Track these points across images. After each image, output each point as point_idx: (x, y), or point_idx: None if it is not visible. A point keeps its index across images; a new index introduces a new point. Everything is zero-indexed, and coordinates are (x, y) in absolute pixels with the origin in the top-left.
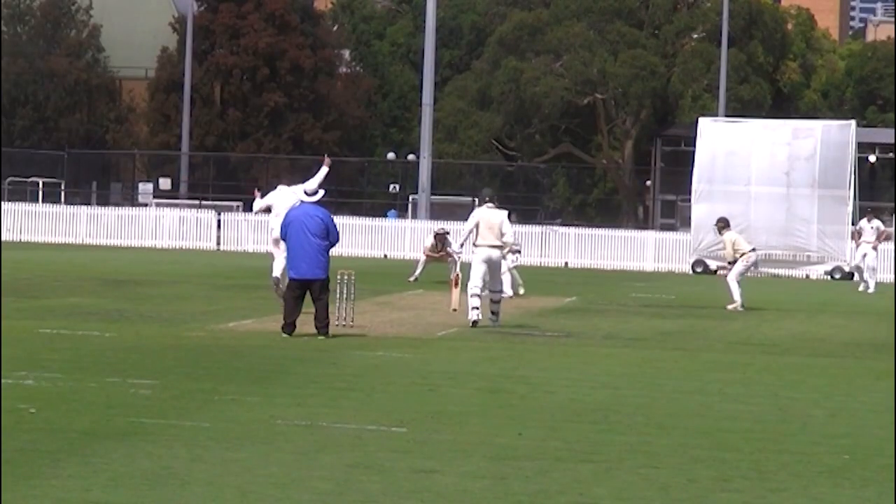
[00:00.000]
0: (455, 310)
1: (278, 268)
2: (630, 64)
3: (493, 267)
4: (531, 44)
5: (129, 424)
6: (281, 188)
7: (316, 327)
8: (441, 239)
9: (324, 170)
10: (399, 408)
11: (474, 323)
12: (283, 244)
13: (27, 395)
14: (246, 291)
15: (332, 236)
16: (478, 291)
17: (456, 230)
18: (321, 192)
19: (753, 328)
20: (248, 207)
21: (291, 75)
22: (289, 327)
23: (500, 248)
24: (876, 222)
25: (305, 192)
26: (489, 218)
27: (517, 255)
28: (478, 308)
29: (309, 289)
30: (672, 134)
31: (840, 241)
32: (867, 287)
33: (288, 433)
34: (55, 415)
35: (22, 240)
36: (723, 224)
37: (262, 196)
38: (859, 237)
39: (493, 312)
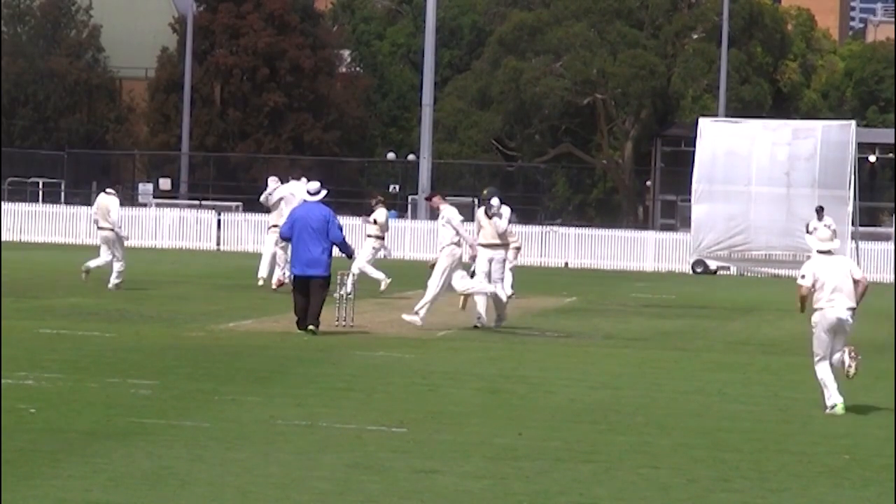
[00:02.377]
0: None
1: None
2: (630, 64)
3: None
4: (531, 44)
5: (129, 424)
6: (294, 184)
7: (308, 321)
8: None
9: None
10: (399, 408)
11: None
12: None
13: (27, 395)
14: (246, 291)
15: (332, 234)
16: None
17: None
18: (324, 192)
19: (753, 328)
20: (248, 207)
21: (291, 75)
22: (302, 322)
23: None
24: (829, 220)
25: (308, 192)
26: None
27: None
28: None
29: (308, 285)
30: (672, 134)
31: (840, 241)
32: None
33: (288, 433)
34: (55, 415)
35: (22, 240)
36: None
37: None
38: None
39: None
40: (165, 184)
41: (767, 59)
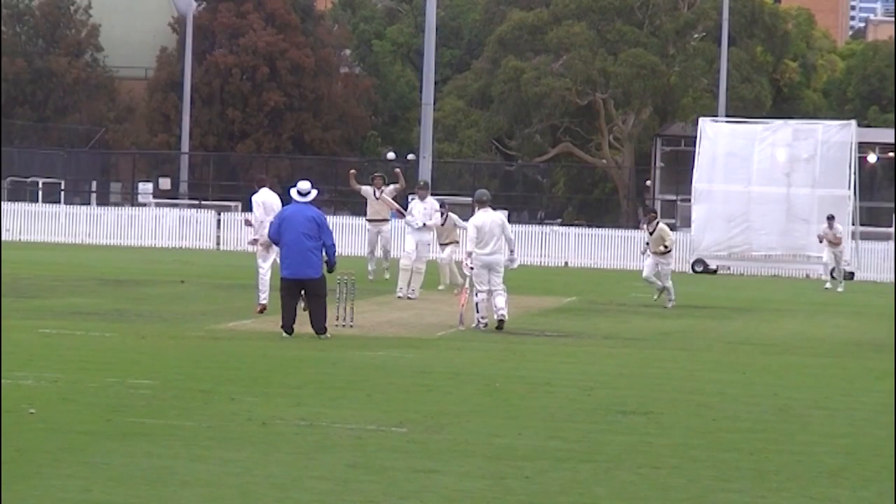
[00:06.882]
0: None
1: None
2: (630, 63)
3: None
4: (531, 43)
5: (129, 424)
6: (264, 191)
7: (313, 328)
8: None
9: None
10: (399, 408)
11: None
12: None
13: (27, 395)
14: (246, 291)
15: (325, 237)
16: None
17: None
18: (314, 192)
19: (753, 328)
20: (248, 207)
21: (291, 75)
22: (287, 329)
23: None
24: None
25: (298, 192)
26: None
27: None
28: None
29: (303, 289)
30: (672, 134)
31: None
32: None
33: (287, 433)
34: (55, 415)
35: (22, 240)
36: (654, 215)
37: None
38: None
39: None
40: (165, 184)
41: (768, 58)
